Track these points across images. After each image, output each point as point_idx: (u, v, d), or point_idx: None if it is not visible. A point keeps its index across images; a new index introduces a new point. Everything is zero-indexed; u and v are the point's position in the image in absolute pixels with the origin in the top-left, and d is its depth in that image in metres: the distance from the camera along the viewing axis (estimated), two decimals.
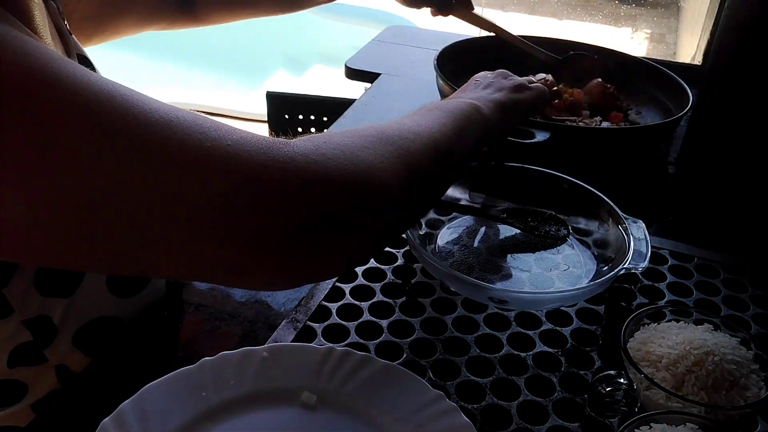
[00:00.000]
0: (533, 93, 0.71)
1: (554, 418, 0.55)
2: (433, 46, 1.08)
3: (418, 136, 0.52)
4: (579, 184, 0.74)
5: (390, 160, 0.47)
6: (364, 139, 0.48)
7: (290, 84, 3.66)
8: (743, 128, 0.83)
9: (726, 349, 0.53)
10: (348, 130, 0.49)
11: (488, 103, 0.64)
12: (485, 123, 0.62)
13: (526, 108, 0.70)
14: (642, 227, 0.67)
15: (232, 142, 0.40)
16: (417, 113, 0.58)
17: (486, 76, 0.72)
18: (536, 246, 0.72)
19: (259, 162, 0.40)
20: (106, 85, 0.38)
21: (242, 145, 0.40)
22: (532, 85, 0.72)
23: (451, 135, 0.55)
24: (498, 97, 0.66)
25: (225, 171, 0.39)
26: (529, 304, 0.65)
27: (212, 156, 0.39)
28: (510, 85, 0.69)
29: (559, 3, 5.00)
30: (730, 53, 0.83)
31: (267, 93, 1.50)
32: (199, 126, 0.39)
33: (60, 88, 0.36)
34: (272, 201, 0.40)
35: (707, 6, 1.92)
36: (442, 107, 0.59)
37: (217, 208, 0.39)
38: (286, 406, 0.54)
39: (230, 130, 0.41)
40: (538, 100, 0.72)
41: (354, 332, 0.62)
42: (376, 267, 0.71)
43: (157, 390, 0.52)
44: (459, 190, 0.77)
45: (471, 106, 0.62)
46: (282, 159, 0.41)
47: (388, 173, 0.46)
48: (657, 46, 4.39)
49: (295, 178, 0.41)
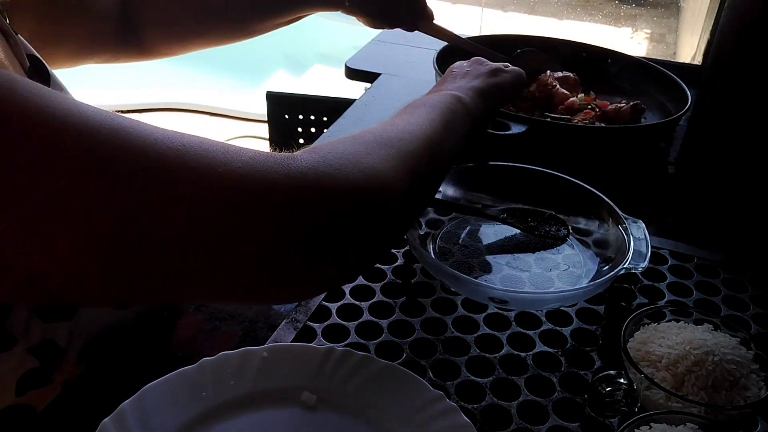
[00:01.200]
0: (510, 75, 0.72)
1: (554, 418, 0.55)
2: (433, 46, 1.08)
3: (413, 136, 0.52)
4: (579, 184, 0.74)
5: (392, 162, 0.48)
6: (366, 145, 0.48)
7: (290, 84, 3.66)
8: (743, 128, 0.83)
9: (726, 349, 0.53)
10: (347, 136, 0.49)
11: (468, 92, 0.65)
12: (469, 112, 0.63)
13: (506, 91, 0.71)
14: (642, 227, 0.67)
15: (242, 164, 0.40)
16: (405, 111, 0.58)
17: (462, 65, 0.73)
18: (536, 246, 0.72)
19: (271, 180, 0.40)
20: (106, 118, 0.37)
21: (252, 166, 0.40)
22: (508, 68, 0.73)
23: (441, 130, 0.56)
24: (476, 84, 0.67)
25: (239, 193, 0.39)
26: (529, 304, 0.65)
27: (225, 179, 0.39)
28: (486, 71, 0.71)
29: (559, 3, 5.01)
30: (730, 53, 0.83)
31: (267, 93, 1.50)
32: (207, 151, 0.39)
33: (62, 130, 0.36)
34: (287, 216, 0.41)
35: (707, 6, 1.92)
36: (428, 103, 0.60)
37: (235, 230, 0.39)
38: (286, 406, 0.54)
39: (238, 152, 0.41)
40: (516, 81, 0.73)
41: (354, 332, 0.62)
42: (376, 267, 0.71)
43: (157, 390, 0.52)
44: (459, 190, 0.77)
45: (453, 97, 0.62)
46: (293, 175, 0.41)
47: (393, 176, 0.47)
48: (657, 46, 4.39)
49: (308, 192, 0.41)
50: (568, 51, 1.16)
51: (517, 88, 0.73)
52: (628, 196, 0.76)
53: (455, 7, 4.79)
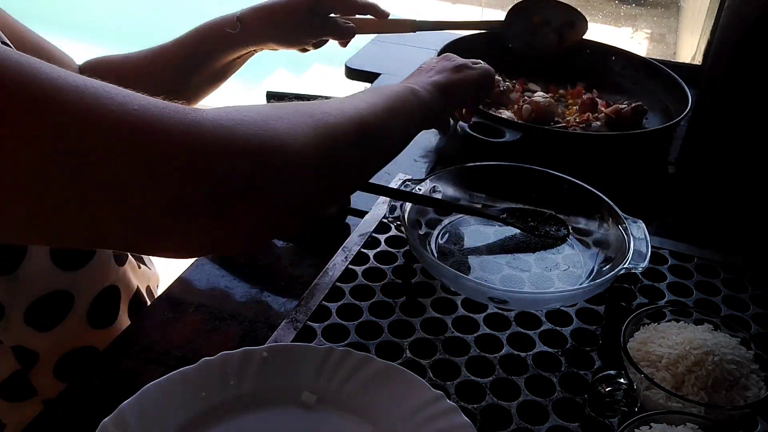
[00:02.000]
0: (476, 71, 0.74)
1: (554, 418, 0.55)
2: (433, 46, 1.08)
3: (341, 112, 0.52)
4: (579, 184, 0.74)
5: (304, 130, 0.47)
6: (280, 110, 0.48)
7: (290, 84, 3.66)
8: (743, 128, 0.83)
9: (726, 349, 0.53)
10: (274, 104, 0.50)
11: (427, 86, 0.67)
12: (423, 104, 0.64)
13: (468, 87, 0.73)
14: (642, 227, 0.67)
15: (139, 107, 0.39)
16: (352, 95, 0.59)
17: (430, 62, 0.76)
18: (536, 246, 0.72)
19: (165, 126, 0.40)
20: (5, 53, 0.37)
21: (148, 110, 0.40)
22: (475, 65, 0.75)
23: (381, 115, 0.56)
24: (438, 79, 0.70)
25: (130, 135, 0.39)
26: (529, 304, 0.65)
27: (120, 120, 0.38)
28: (451, 66, 0.73)
29: None
30: (730, 53, 0.83)
31: (267, 93, 1.50)
32: (107, 92, 0.39)
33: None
34: (178, 164, 0.40)
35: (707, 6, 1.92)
36: (377, 90, 0.61)
37: (125, 172, 0.39)
38: (286, 406, 0.54)
39: (139, 97, 0.40)
40: (482, 78, 0.75)
41: (354, 332, 0.62)
42: (376, 267, 0.71)
43: (157, 390, 0.52)
44: (459, 190, 0.77)
45: (407, 89, 0.64)
46: (188, 123, 0.41)
47: (300, 142, 0.46)
48: (657, 46, 4.39)
49: (200, 141, 0.41)
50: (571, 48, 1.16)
51: (483, 84, 0.75)
52: (628, 196, 0.76)
53: (455, 6, 4.79)
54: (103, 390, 0.58)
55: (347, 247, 0.73)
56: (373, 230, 0.76)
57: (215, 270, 0.72)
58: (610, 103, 1.01)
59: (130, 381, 0.56)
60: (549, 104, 0.96)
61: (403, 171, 0.88)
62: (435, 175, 0.75)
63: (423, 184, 0.73)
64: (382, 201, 0.80)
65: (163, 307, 0.67)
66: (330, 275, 0.69)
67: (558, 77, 1.10)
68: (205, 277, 0.71)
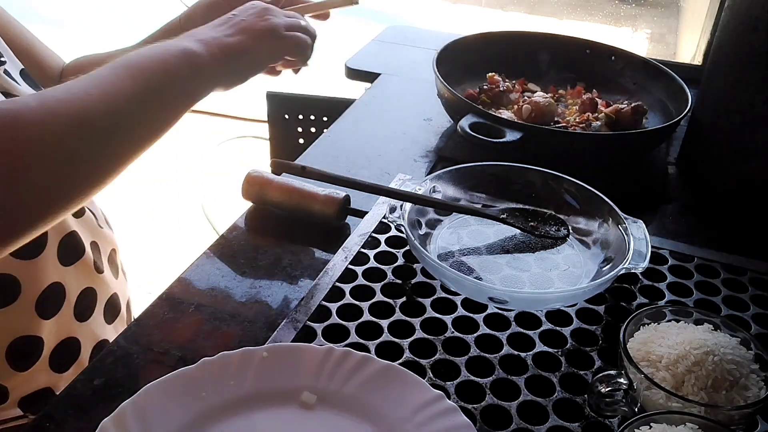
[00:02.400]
0: (283, 43, 0.67)
1: (554, 418, 0.55)
2: (433, 46, 1.08)
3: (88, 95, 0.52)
4: (579, 184, 0.74)
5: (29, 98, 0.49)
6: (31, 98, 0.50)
7: (290, 84, 3.66)
8: (743, 128, 0.82)
9: (726, 349, 0.53)
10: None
11: (214, 48, 0.62)
12: (199, 71, 0.60)
13: (264, 59, 0.67)
14: (642, 227, 0.67)
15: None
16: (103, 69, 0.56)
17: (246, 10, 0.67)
18: (536, 246, 0.72)
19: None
20: None
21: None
22: (287, 33, 0.68)
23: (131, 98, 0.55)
24: (230, 42, 0.63)
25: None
26: (529, 304, 0.65)
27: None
28: (256, 29, 0.65)
29: (559, 2, 5.01)
30: (730, 53, 0.83)
31: (267, 93, 1.50)
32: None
33: None
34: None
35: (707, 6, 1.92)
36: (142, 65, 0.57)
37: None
38: (286, 406, 0.54)
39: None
40: (290, 49, 0.68)
41: (354, 332, 0.62)
42: (376, 267, 0.71)
43: (157, 390, 0.52)
44: (459, 190, 0.77)
45: (184, 55, 0.59)
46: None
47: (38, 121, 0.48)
48: (657, 46, 4.39)
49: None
50: (571, 47, 1.16)
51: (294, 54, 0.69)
52: (628, 196, 0.76)
53: (455, 6, 4.79)
54: (103, 390, 0.58)
55: (347, 247, 0.73)
56: (373, 230, 0.76)
57: (215, 270, 0.72)
58: (610, 103, 1.01)
59: (130, 381, 0.56)
60: (549, 104, 0.96)
61: (403, 171, 0.88)
62: (435, 175, 0.75)
63: (423, 184, 0.73)
64: (382, 201, 0.80)
65: (163, 307, 0.67)
66: (330, 275, 0.69)
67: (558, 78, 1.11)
68: (205, 277, 0.71)
